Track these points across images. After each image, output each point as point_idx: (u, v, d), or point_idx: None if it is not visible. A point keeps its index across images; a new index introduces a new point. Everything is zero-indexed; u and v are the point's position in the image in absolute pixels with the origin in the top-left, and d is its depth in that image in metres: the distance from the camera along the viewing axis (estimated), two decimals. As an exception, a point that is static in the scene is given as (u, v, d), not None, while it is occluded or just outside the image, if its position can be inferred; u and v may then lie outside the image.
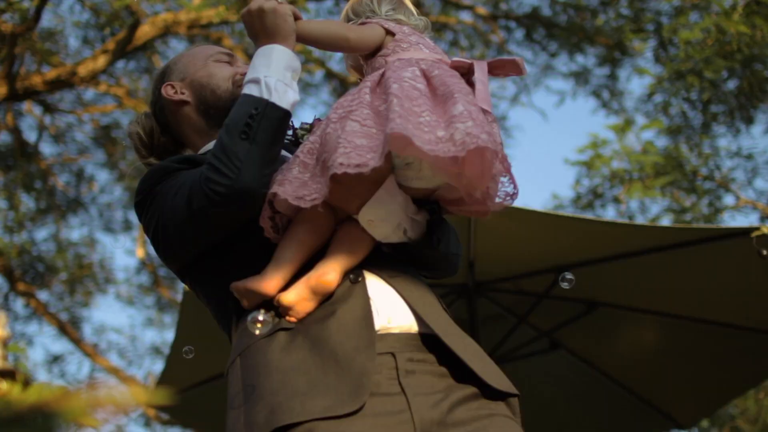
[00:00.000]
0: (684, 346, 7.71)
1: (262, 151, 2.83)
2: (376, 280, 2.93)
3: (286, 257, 2.88)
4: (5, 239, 18.50)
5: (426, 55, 3.03)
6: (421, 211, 2.96)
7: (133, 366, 21.28)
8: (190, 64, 3.50)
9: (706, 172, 14.43)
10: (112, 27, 15.88)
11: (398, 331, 2.87)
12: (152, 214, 3.11)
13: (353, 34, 3.09)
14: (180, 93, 3.45)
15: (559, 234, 6.76)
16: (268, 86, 2.90)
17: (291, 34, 3.02)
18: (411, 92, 2.78)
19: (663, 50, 14.42)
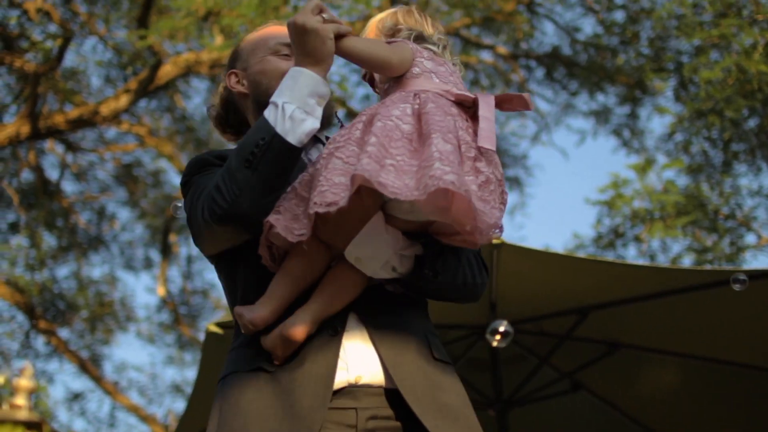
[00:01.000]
0: (705, 388, 7.67)
1: (263, 181, 2.84)
2: (355, 332, 2.92)
3: (277, 292, 2.89)
4: (27, 277, 18.58)
5: (432, 86, 3.00)
6: (414, 245, 2.94)
7: (154, 404, 21.32)
8: (252, 54, 3.42)
9: (727, 211, 14.39)
10: (134, 66, 15.99)
11: (367, 386, 2.87)
12: (186, 202, 3.14)
13: (396, 58, 3.03)
14: (241, 84, 3.42)
15: (581, 276, 6.75)
16: (283, 113, 2.88)
17: (326, 58, 2.95)
18: (393, 132, 2.80)
19: (683, 89, 14.42)
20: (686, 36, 13.39)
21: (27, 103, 14.76)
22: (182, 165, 18.88)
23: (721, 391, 7.65)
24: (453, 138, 2.81)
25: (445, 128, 2.82)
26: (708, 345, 7.29)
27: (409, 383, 2.86)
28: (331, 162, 2.78)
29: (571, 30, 17.20)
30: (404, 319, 3.00)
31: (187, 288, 20.68)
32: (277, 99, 2.90)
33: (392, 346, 2.91)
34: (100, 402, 20.99)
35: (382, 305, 2.97)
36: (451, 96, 2.99)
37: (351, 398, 2.84)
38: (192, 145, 19.24)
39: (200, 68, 15.41)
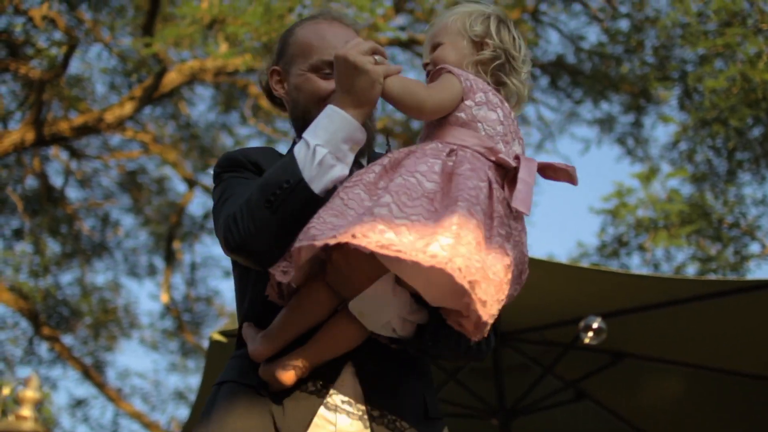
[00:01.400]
0: (709, 397, 7.67)
1: (280, 224, 2.77)
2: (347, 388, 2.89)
3: (280, 329, 2.87)
4: (31, 283, 18.60)
5: (475, 141, 2.84)
6: (420, 311, 2.86)
7: (157, 411, 21.30)
8: (295, 60, 3.24)
9: (731, 220, 14.38)
10: (139, 74, 16.01)
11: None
12: (214, 195, 3.15)
13: (431, 103, 2.86)
14: (281, 86, 3.29)
15: (585, 285, 6.75)
16: (313, 157, 2.79)
17: (371, 103, 2.85)
18: (413, 190, 2.67)
19: (688, 98, 14.42)
20: (691, 45, 13.39)
21: (32, 110, 14.79)
22: (186, 172, 18.92)
23: (724, 401, 7.65)
24: (480, 211, 2.68)
25: (474, 198, 2.70)
26: (712, 354, 7.29)
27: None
28: (334, 200, 2.73)
29: (575, 38, 17.21)
30: (400, 378, 2.97)
31: (191, 295, 20.71)
32: (311, 138, 2.81)
33: (383, 411, 2.89)
34: (104, 409, 20.98)
35: (380, 360, 2.93)
36: (492, 156, 2.86)
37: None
38: (196, 152, 19.25)
39: (205, 76, 15.43)
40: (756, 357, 7.17)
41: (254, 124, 18.81)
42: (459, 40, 3.08)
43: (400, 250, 2.51)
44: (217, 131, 19.24)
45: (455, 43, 3.08)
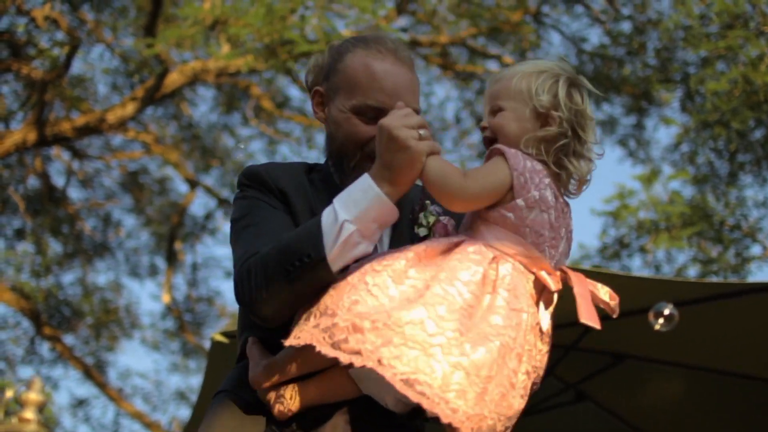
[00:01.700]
0: (709, 398, 7.67)
1: (294, 295, 2.72)
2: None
3: (283, 368, 2.81)
4: (32, 283, 18.61)
5: (518, 251, 2.71)
6: None
7: (158, 411, 21.32)
8: (340, 91, 3.07)
9: (732, 222, 14.39)
10: (141, 74, 16.03)
11: None
12: (234, 212, 3.10)
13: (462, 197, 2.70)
14: (321, 110, 3.16)
15: (589, 288, 6.76)
16: (339, 233, 2.67)
17: (408, 183, 2.73)
18: (452, 303, 2.55)
19: (690, 100, 14.43)
20: (693, 47, 13.41)
21: (34, 110, 14.81)
22: (188, 173, 18.94)
23: (724, 402, 7.66)
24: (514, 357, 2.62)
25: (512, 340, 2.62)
26: (712, 356, 7.29)
27: None
28: (357, 283, 2.63)
29: (577, 40, 17.24)
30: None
31: (192, 295, 20.73)
32: (341, 211, 2.70)
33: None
34: (105, 408, 20.93)
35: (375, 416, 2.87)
36: (534, 267, 2.75)
37: None
38: (198, 153, 19.28)
39: (207, 77, 15.44)
40: (756, 359, 7.17)
41: (256, 125, 18.82)
42: (522, 108, 2.86)
43: (423, 392, 2.43)
44: (218, 132, 19.28)
45: (518, 111, 2.86)
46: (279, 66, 13.59)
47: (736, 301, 6.58)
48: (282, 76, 16.54)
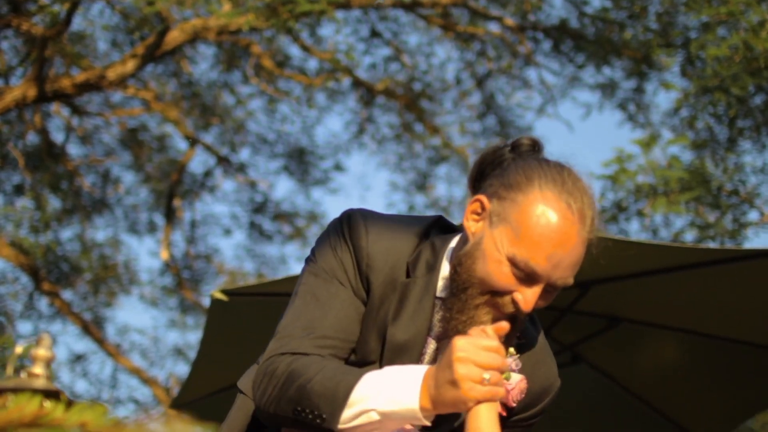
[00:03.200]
0: (705, 363, 7.73)
1: (290, 425, 2.65)
2: None
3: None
4: (31, 239, 18.64)
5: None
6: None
7: (155, 367, 21.41)
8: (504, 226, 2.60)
9: (730, 188, 14.41)
10: (141, 31, 16.01)
11: None
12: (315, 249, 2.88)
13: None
14: (474, 221, 2.71)
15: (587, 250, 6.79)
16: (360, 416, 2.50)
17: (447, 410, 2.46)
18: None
19: (690, 65, 14.43)
20: (695, 12, 13.38)
21: (34, 67, 14.78)
22: (188, 130, 18.93)
23: (720, 367, 7.72)
24: None
25: None
26: (709, 321, 7.35)
27: None
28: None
29: (579, 3, 17.19)
30: None
31: (191, 252, 20.74)
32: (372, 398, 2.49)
33: None
34: (103, 364, 21.10)
35: None
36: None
37: None
38: (198, 110, 19.27)
39: (207, 34, 15.42)
40: (750, 325, 7.23)
41: (256, 84, 18.80)
42: None
43: None
44: (219, 90, 19.24)
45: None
46: (280, 25, 13.58)
47: (732, 267, 6.63)
48: (283, 35, 16.52)
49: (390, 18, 17.84)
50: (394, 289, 2.75)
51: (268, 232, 20.36)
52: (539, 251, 2.55)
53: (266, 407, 2.65)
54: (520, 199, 2.60)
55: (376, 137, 19.45)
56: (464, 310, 2.64)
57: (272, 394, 2.63)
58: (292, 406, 2.57)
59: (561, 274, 2.61)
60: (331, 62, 17.02)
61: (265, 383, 2.66)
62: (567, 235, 2.59)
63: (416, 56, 18.71)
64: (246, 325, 7.23)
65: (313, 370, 2.58)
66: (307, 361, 2.63)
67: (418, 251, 2.79)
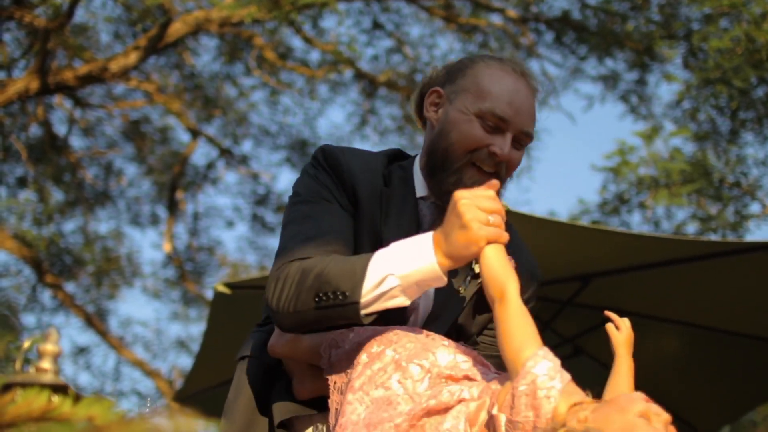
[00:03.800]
0: (706, 356, 7.76)
1: (316, 320, 2.74)
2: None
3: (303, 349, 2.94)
4: (34, 231, 18.66)
5: None
6: None
7: (158, 359, 21.46)
8: (465, 94, 3.02)
9: (732, 180, 14.43)
10: (143, 23, 16.00)
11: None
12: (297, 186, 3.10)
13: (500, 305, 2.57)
14: (434, 109, 3.13)
15: (584, 244, 6.82)
16: (381, 285, 2.64)
17: (462, 260, 2.64)
18: None
19: (692, 57, 14.43)
20: (697, 4, 13.39)
21: (36, 59, 14.79)
22: (190, 122, 18.95)
23: (721, 359, 7.74)
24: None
25: None
26: (709, 314, 7.37)
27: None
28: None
29: (581, -6, 17.20)
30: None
31: (193, 244, 20.78)
32: (390, 262, 2.66)
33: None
34: (105, 356, 21.12)
35: None
36: None
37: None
38: (200, 102, 19.27)
39: (210, 26, 15.41)
40: (752, 317, 7.25)
41: (259, 75, 18.80)
42: None
43: None
44: (221, 81, 19.24)
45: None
46: (282, 17, 13.58)
47: (733, 260, 6.65)
48: (285, 27, 16.52)
49: (392, 9, 17.86)
50: (379, 198, 3.04)
51: (271, 224, 20.40)
52: (500, 99, 2.95)
53: (286, 308, 2.73)
54: (472, 72, 3.06)
55: (379, 129, 19.45)
56: (449, 172, 2.97)
57: (290, 292, 2.73)
58: (312, 294, 2.68)
59: (523, 120, 2.97)
60: (334, 54, 17.01)
61: (280, 286, 2.76)
62: (518, 84, 3.01)
63: (418, 48, 18.72)
64: (249, 318, 7.25)
65: (326, 261, 2.74)
66: (317, 258, 2.78)
67: (389, 169, 3.14)
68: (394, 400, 2.58)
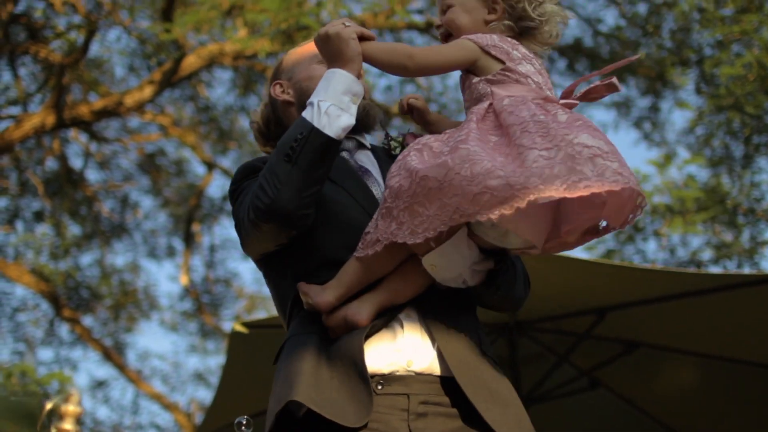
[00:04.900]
0: (722, 387, 7.73)
1: (302, 174, 2.93)
2: (411, 323, 3.00)
3: (347, 280, 2.98)
4: (51, 266, 18.72)
5: (533, 95, 2.95)
6: (487, 260, 3.01)
7: (176, 392, 21.45)
8: (297, 64, 3.57)
9: (747, 206, 14.41)
10: (158, 57, 16.08)
11: (420, 374, 2.96)
12: (235, 207, 3.27)
13: (413, 62, 3.05)
14: (286, 93, 3.55)
15: (599, 277, 6.83)
16: (319, 110, 2.98)
17: (354, 58, 3.06)
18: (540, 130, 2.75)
19: (705, 83, 14.44)
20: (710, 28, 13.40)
21: (52, 94, 14.88)
22: (205, 155, 19.02)
23: (737, 390, 7.72)
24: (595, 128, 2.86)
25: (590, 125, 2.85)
26: (725, 345, 7.36)
27: (463, 370, 2.94)
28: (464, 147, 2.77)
29: (593, 21, 17.22)
30: (459, 316, 3.09)
31: (210, 277, 20.79)
32: (313, 99, 3.02)
33: (447, 337, 3.00)
34: (124, 390, 21.09)
35: (439, 301, 3.06)
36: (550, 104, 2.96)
37: (403, 385, 2.94)
38: (215, 135, 19.33)
39: (224, 59, 15.49)
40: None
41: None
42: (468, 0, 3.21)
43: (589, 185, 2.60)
44: (235, 114, 19.31)
45: (465, 4, 3.20)
46: (295, 50, 13.64)
47: (748, 291, 6.65)
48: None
49: (405, 40, 17.88)
50: None
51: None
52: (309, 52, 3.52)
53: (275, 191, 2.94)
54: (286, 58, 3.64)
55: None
56: None
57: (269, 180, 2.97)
58: (281, 158, 2.96)
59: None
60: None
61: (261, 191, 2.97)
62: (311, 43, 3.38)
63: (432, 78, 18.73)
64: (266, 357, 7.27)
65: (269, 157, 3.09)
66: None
67: None
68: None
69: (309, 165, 2.93)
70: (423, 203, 2.76)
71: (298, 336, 3.06)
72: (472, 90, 3.06)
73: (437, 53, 3.10)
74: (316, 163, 2.94)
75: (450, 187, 2.69)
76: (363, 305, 2.94)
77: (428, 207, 2.75)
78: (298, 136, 2.95)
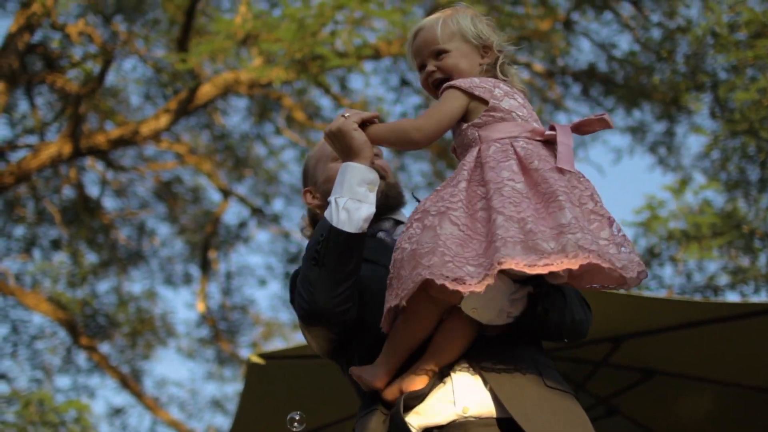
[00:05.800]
0: (739, 414, 7.72)
1: (331, 273, 3.03)
2: (461, 370, 3.05)
3: (393, 353, 3.07)
4: (68, 294, 18.76)
5: (519, 130, 3.09)
6: (524, 287, 3.05)
7: (194, 419, 21.42)
8: (316, 167, 3.73)
9: (763, 230, 14.38)
10: (173, 86, 16.16)
11: (477, 418, 2.99)
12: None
13: (421, 133, 3.13)
14: (315, 198, 3.72)
15: (616, 306, 6.83)
16: (337, 207, 3.08)
17: (362, 147, 3.17)
18: (513, 197, 2.87)
19: (719, 108, 14.43)
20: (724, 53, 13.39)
21: (69, 123, 14.95)
22: (221, 182, 19.05)
23: (754, 418, 7.71)
24: (576, 200, 2.96)
25: (565, 188, 2.95)
26: (742, 372, 7.35)
27: (520, 409, 2.96)
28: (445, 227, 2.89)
29: (607, 47, 17.24)
30: (513, 351, 3.12)
31: (227, 304, 20.81)
32: (331, 197, 3.13)
33: (498, 377, 3.04)
34: (141, 417, 21.04)
35: (487, 342, 3.10)
36: (538, 135, 3.11)
37: (462, 430, 2.99)
38: (231, 162, 19.39)
39: (239, 88, 15.54)
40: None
41: (288, 135, 18.91)
42: (464, 46, 3.32)
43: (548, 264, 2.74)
44: (251, 142, 19.37)
45: (461, 50, 3.32)
46: (310, 79, 13.71)
47: (764, 319, 6.65)
48: (313, 88, 16.61)
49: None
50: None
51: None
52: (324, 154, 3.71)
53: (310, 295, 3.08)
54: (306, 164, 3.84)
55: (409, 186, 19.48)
56: None
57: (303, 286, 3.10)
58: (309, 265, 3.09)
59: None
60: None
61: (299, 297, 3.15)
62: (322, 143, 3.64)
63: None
64: (283, 387, 7.32)
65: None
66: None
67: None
68: None
69: (335, 264, 3.05)
70: (404, 267, 2.91)
71: (362, 418, 3.17)
72: (462, 136, 3.19)
73: (439, 114, 3.17)
74: (342, 260, 3.06)
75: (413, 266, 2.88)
76: (416, 373, 3.02)
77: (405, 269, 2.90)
78: (320, 238, 3.07)
